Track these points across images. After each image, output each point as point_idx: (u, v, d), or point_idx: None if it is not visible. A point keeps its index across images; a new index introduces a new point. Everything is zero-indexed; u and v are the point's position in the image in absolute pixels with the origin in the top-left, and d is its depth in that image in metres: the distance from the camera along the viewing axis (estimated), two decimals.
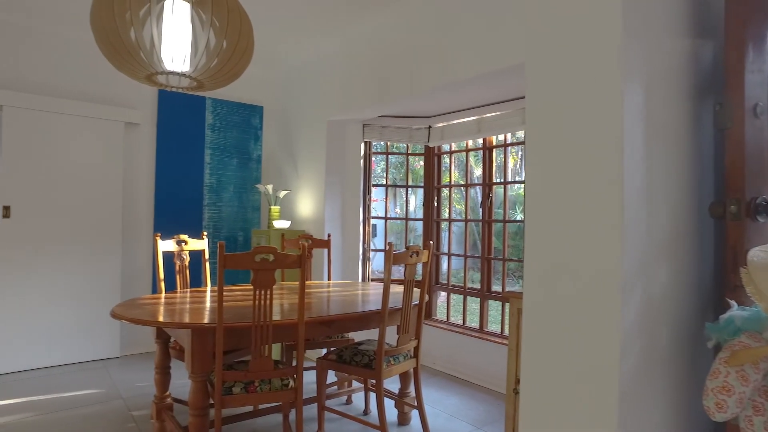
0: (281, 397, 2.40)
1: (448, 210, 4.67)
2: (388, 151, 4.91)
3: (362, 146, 4.60)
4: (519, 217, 9.66)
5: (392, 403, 3.24)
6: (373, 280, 4.71)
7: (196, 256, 4.53)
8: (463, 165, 7.09)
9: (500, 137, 4.18)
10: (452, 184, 4.67)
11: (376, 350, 2.69)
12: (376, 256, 4.79)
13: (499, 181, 4.24)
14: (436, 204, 4.62)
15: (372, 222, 4.74)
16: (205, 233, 3.60)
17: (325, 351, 3.53)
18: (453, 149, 4.60)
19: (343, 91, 4.26)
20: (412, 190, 5.04)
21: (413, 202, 7.09)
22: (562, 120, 1.21)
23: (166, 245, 3.26)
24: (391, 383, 3.63)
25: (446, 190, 4.70)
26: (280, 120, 5.23)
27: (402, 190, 9.98)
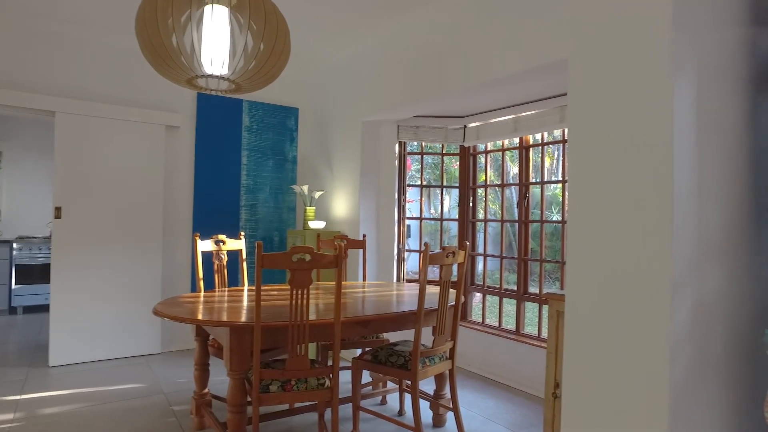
0: (317, 396, 2.41)
1: (483, 210, 4.61)
2: (423, 152, 4.89)
3: (397, 146, 4.59)
4: (555, 218, 9.46)
5: (427, 404, 3.21)
6: (408, 281, 4.69)
7: (234, 256, 4.63)
8: (499, 165, 6.99)
9: (537, 136, 4.10)
10: (488, 184, 4.60)
11: (411, 351, 2.67)
12: (409, 257, 4.77)
13: (536, 180, 4.16)
14: (471, 204, 4.57)
15: (406, 222, 4.72)
16: (242, 233, 3.67)
17: (360, 351, 3.54)
18: (488, 149, 4.54)
19: (377, 92, 4.27)
20: (447, 191, 4.99)
21: (447, 202, 7.04)
22: (608, 116, 1.16)
23: (204, 245, 3.33)
24: (426, 384, 3.61)
25: (481, 190, 4.64)
26: (315, 121, 5.28)
27: (436, 190, 9.92)
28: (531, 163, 4.21)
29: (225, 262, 3.42)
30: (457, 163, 4.73)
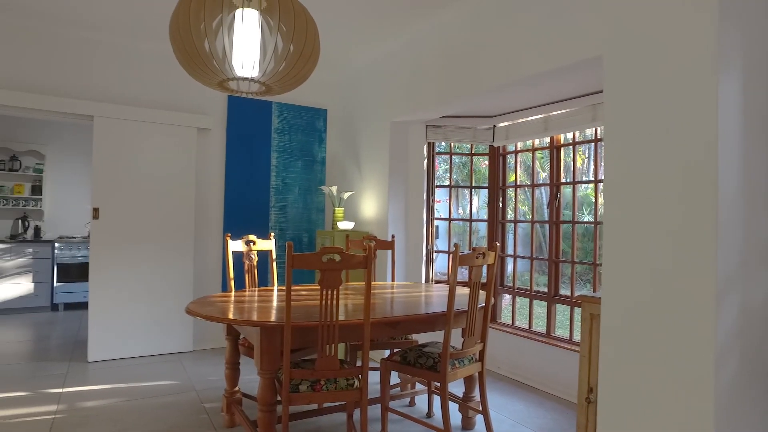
0: (346, 397, 2.42)
1: (513, 211, 4.55)
2: (452, 152, 4.85)
3: (425, 147, 4.57)
4: (587, 219, 9.26)
5: (456, 406, 3.19)
6: (436, 282, 4.67)
7: (263, 256, 4.69)
8: (528, 165, 6.88)
9: (568, 136, 4.02)
10: (518, 184, 4.54)
11: (440, 353, 2.65)
12: (437, 258, 4.74)
13: (568, 181, 4.07)
14: (501, 205, 4.51)
15: (435, 223, 4.70)
16: (272, 234, 3.71)
17: (389, 352, 3.54)
18: (518, 149, 4.48)
19: (406, 92, 4.26)
20: (475, 191, 4.94)
21: (475, 203, 6.97)
22: (647, 113, 1.13)
23: (235, 245, 3.38)
24: (455, 387, 3.58)
25: (511, 191, 4.58)
26: (344, 122, 5.30)
27: (463, 190, 9.85)
28: (562, 163, 4.13)
29: (255, 263, 3.47)
30: (485, 162, 4.68)
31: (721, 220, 1.00)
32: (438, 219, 4.71)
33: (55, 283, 6.44)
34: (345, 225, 4.58)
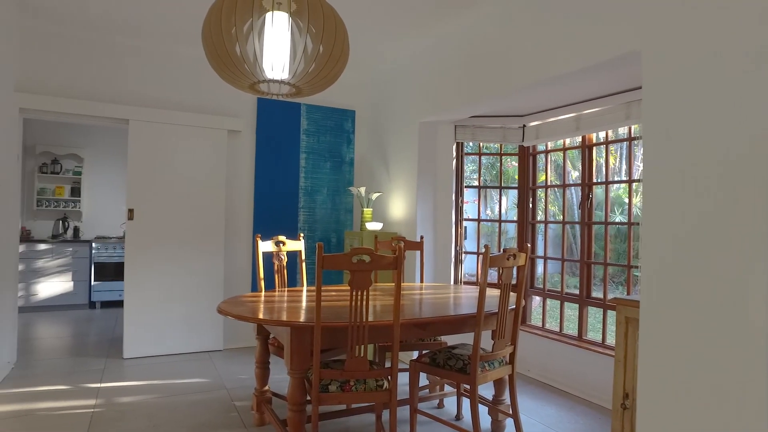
0: (375, 398, 2.42)
1: (543, 212, 4.47)
2: (480, 152, 4.80)
3: (454, 147, 4.54)
4: (619, 219, 9.04)
5: (485, 409, 3.15)
6: (465, 283, 4.63)
7: (292, 257, 4.74)
8: (558, 165, 6.76)
9: (600, 135, 3.93)
10: (548, 184, 4.46)
11: (470, 355, 2.63)
12: (466, 259, 4.70)
13: (600, 180, 3.98)
14: (531, 205, 4.44)
15: (463, 224, 4.66)
16: (301, 234, 3.74)
17: (417, 353, 3.52)
18: (549, 148, 4.40)
19: (434, 92, 4.23)
20: (504, 192, 4.88)
21: (504, 203, 6.89)
22: (688, 110, 1.09)
23: (265, 246, 3.42)
24: (485, 389, 3.54)
25: (541, 191, 4.50)
26: (372, 123, 5.31)
27: (492, 191, 9.75)
28: (594, 163, 4.04)
29: (285, 263, 3.50)
30: (514, 163, 4.61)
31: None
32: (466, 220, 4.67)
33: (93, 282, 6.65)
34: (373, 226, 4.58)
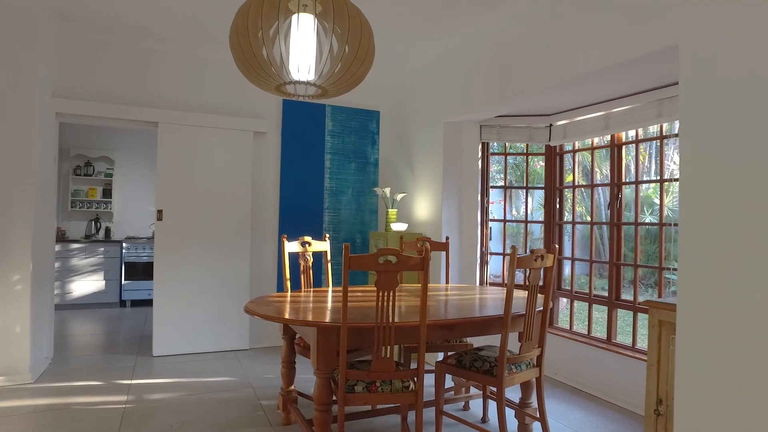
0: (401, 399, 2.41)
1: (570, 212, 4.40)
2: (506, 152, 4.75)
3: (479, 147, 4.50)
4: (649, 220, 8.84)
5: (512, 413, 3.10)
6: (491, 284, 4.58)
7: (318, 257, 4.76)
8: (585, 164, 6.64)
9: (629, 133, 3.84)
10: (575, 184, 4.38)
11: (497, 357, 2.60)
12: (491, 260, 4.66)
13: (630, 180, 3.90)
14: (558, 206, 4.37)
15: (489, 224, 4.61)
16: (327, 235, 3.76)
17: (442, 355, 3.50)
18: (576, 148, 4.33)
19: (459, 92, 4.20)
20: (529, 192, 4.82)
21: (530, 204, 6.81)
22: (729, 106, 1.05)
23: (291, 246, 3.45)
24: (511, 392, 3.49)
25: (568, 191, 4.43)
26: (396, 123, 5.31)
27: (517, 191, 9.62)
28: (624, 162, 3.95)
29: (311, 264, 3.52)
30: (540, 163, 4.54)
31: None
32: (492, 220, 4.62)
33: (123, 281, 6.82)
34: (398, 226, 4.58)
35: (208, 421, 3.08)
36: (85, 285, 6.66)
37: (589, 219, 4.24)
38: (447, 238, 3.88)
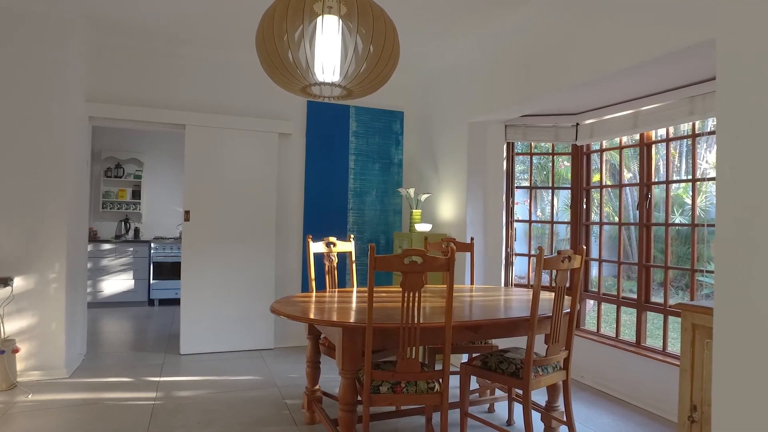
0: (426, 400, 2.40)
1: (597, 213, 4.32)
2: (532, 152, 4.69)
3: (504, 147, 4.45)
4: (679, 220, 8.62)
5: (538, 416, 3.06)
6: (515, 286, 4.53)
7: (342, 258, 4.78)
8: (612, 164, 6.51)
9: (659, 132, 3.75)
10: (603, 184, 4.30)
11: (523, 359, 2.57)
12: (516, 261, 4.61)
13: (660, 180, 3.81)
14: (584, 206, 4.30)
15: (514, 225, 4.57)
16: (351, 236, 3.77)
17: (467, 356, 3.48)
18: (604, 147, 4.25)
19: (484, 92, 4.17)
20: (555, 192, 4.75)
21: (555, 204, 6.72)
22: None
23: (316, 247, 3.47)
24: (537, 395, 3.45)
25: (595, 191, 4.35)
26: (421, 124, 5.29)
27: (541, 192, 9.50)
28: (653, 161, 3.87)
29: (335, 264, 3.54)
30: (566, 163, 4.47)
31: None
32: (517, 221, 4.57)
33: (151, 281, 6.97)
34: (422, 227, 4.56)
35: (235, 418, 3.12)
36: (115, 284, 6.83)
37: (616, 219, 4.16)
38: (472, 239, 3.85)
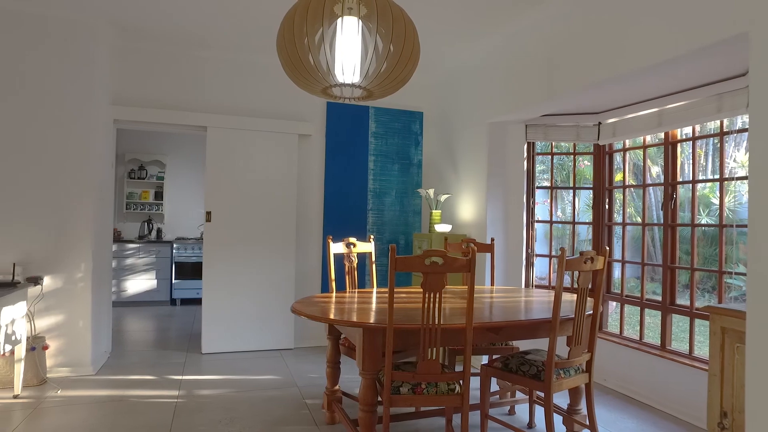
0: (447, 401, 2.39)
1: (619, 213, 4.25)
2: (553, 152, 4.64)
3: (525, 147, 4.41)
4: (705, 221, 8.43)
5: (560, 419, 3.02)
6: (536, 287, 4.48)
7: (361, 258, 4.79)
8: (635, 163, 6.40)
9: (684, 130, 3.67)
10: (626, 184, 4.22)
11: (545, 361, 2.53)
12: (536, 261, 4.55)
13: (686, 179, 3.73)
14: (607, 206, 4.23)
15: (534, 226, 4.52)
16: (371, 236, 3.77)
17: (487, 358, 3.45)
18: (627, 146, 4.17)
19: (504, 92, 4.13)
20: (576, 192, 4.69)
21: (576, 204, 6.64)
22: None
23: (336, 248, 3.48)
24: (558, 398, 3.40)
25: (617, 191, 4.27)
26: (440, 124, 5.27)
27: (562, 192, 9.38)
28: (679, 161, 3.79)
29: (355, 264, 3.54)
30: (586, 162, 4.41)
31: None
32: (537, 221, 4.52)
33: (173, 280, 7.07)
34: (442, 228, 4.54)
35: (256, 417, 3.15)
36: (139, 283, 6.95)
37: (639, 220, 4.09)
38: (492, 240, 3.82)
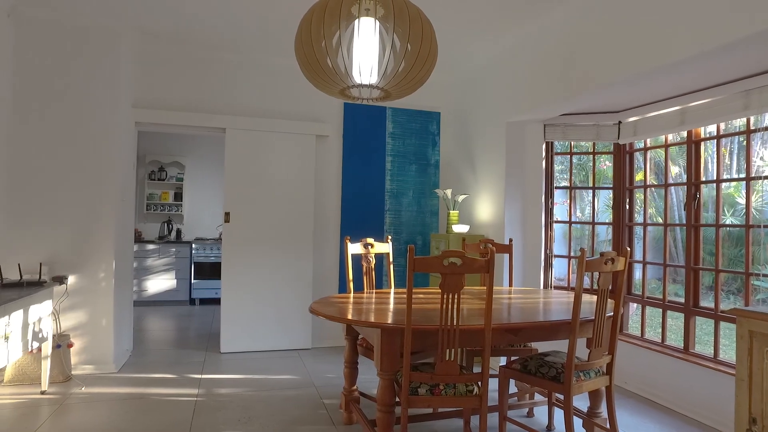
0: (465, 403, 2.37)
1: (640, 213, 4.18)
2: (572, 151, 4.58)
3: (543, 147, 4.37)
4: (730, 221, 8.24)
5: (580, 422, 2.98)
6: (555, 288, 4.43)
7: (379, 259, 4.79)
8: (657, 162, 6.29)
9: (708, 129, 3.60)
10: (647, 184, 4.15)
11: (564, 363, 2.51)
12: (555, 262, 4.51)
13: (709, 179, 3.65)
14: (627, 207, 4.16)
15: (553, 226, 4.47)
16: (389, 237, 3.77)
17: (505, 359, 3.42)
18: (648, 145, 4.10)
19: (523, 91, 4.10)
20: (596, 192, 4.62)
21: (596, 205, 6.56)
22: None
23: (354, 248, 3.49)
24: (578, 400, 3.36)
25: (638, 191, 4.20)
26: (457, 124, 5.25)
27: (581, 192, 9.26)
28: (702, 159, 3.71)
29: (373, 265, 3.55)
30: (607, 162, 4.35)
31: None
32: (556, 222, 4.47)
33: (193, 280, 7.17)
34: (460, 228, 4.52)
35: (274, 417, 3.17)
36: (159, 283, 7.06)
37: (660, 220, 4.01)
38: (510, 240, 3.79)
